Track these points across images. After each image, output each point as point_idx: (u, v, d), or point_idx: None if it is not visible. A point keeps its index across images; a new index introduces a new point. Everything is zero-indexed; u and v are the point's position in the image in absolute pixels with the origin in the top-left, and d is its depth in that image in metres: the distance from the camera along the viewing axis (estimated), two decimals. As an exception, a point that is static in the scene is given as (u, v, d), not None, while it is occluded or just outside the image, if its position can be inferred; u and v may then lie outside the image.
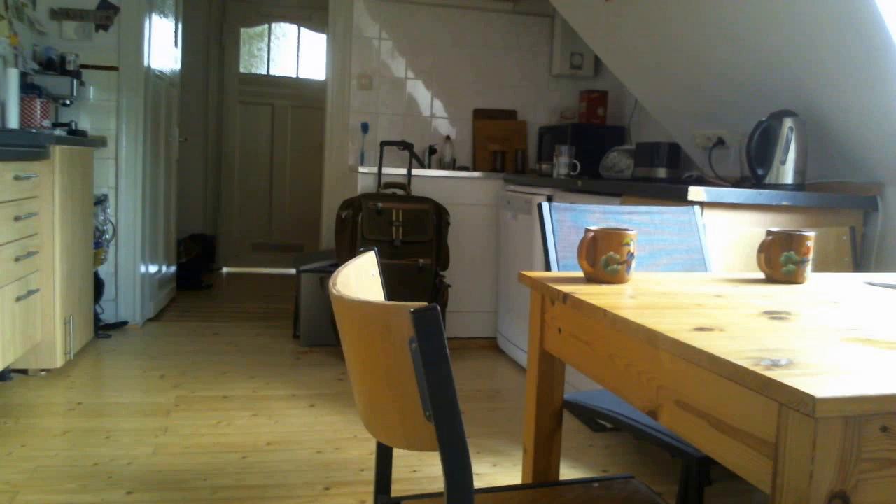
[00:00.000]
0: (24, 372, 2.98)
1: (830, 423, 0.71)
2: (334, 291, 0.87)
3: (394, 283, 3.37)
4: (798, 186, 2.48)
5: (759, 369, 0.76)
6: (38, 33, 3.54)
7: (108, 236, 3.76)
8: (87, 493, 2.01)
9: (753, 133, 2.50)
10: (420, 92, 4.33)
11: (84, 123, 3.71)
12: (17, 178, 2.58)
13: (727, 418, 0.83)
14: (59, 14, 3.62)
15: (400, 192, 3.58)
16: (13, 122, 3.03)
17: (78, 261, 3.21)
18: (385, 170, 3.73)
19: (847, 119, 2.38)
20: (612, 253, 1.29)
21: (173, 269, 4.71)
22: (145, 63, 3.81)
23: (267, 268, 6.05)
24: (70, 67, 3.51)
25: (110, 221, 3.77)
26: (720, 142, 3.01)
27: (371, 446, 2.44)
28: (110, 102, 3.74)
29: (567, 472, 2.30)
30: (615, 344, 1.08)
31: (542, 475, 1.39)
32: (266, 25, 5.96)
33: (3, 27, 3.17)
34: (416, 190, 3.75)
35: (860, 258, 2.41)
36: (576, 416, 2.78)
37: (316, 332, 3.68)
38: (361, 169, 3.77)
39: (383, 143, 3.73)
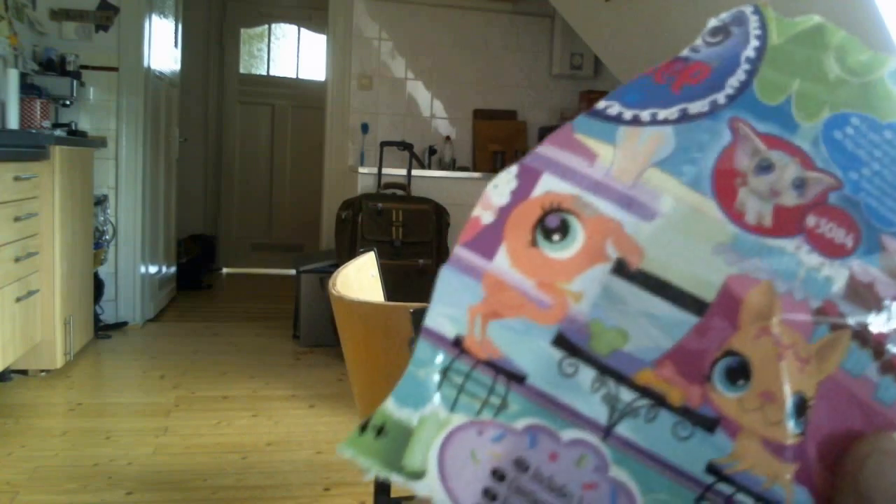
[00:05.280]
0: (24, 372, 2.98)
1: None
2: (334, 292, 0.87)
3: (394, 284, 3.37)
4: (798, 186, 2.48)
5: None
6: (38, 34, 3.54)
7: (108, 236, 3.76)
8: (87, 493, 2.02)
9: (753, 133, 2.49)
10: (420, 92, 4.33)
11: (84, 124, 3.71)
12: (17, 178, 2.58)
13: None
14: (59, 14, 3.62)
15: (400, 192, 3.58)
16: (13, 122, 3.03)
17: (78, 261, 3.21)
18: (385, 170, 3.73)
19: (847, 119, 2.38)
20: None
21: (173, 269, 4.71)
22: (145, 63, 3.81)
23: (267, 268, 6.05)
24: (70, 68, 3.51)
25: (110, 222, 3.78)
26: (720, 142, 3.01)
27: (371, 446, 2.43)
28: (110, 103, 3.74)
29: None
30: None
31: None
32: (266, 26, 5.96)
33: (3, 27, 3.17)
34: (416, 190, 3.75)
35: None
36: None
37: (316, 332, 3.68)
38: (361, 169, 3.77)
39: (383, 144, 3.73)
